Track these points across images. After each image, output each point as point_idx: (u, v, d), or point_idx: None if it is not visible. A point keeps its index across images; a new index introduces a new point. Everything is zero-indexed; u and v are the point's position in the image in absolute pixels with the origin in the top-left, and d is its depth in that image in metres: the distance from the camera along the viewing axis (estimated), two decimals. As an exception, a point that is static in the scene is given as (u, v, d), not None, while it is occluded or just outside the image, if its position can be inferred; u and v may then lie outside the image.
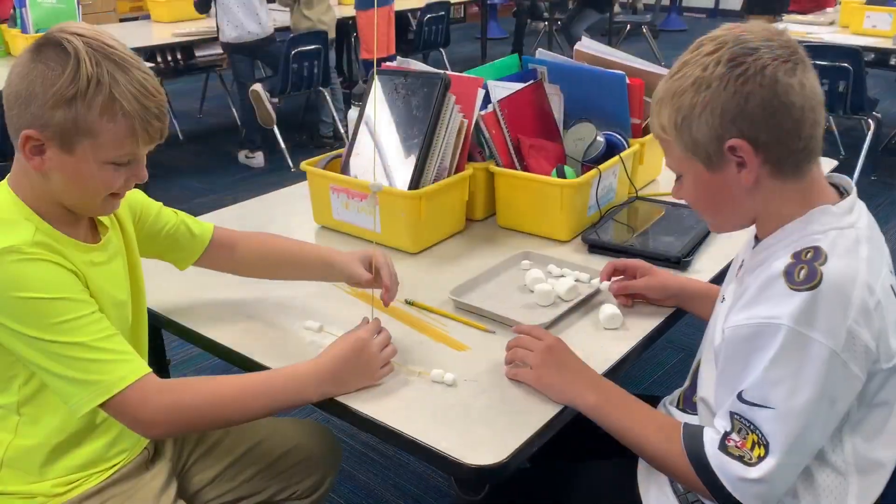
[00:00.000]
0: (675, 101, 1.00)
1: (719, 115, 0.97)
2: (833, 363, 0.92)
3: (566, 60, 1.87)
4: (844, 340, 0.92)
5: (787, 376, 0.93)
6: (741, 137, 0.97)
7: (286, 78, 4.59)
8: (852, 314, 0.92)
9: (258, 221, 1.83)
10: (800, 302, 0.92)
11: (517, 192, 1.69)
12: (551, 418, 1.09)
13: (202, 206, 4.13)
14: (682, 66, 1.01)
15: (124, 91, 1.00)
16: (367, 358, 1.15)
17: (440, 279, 1.51)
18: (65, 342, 1.00)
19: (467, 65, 7.49)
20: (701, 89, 0.97)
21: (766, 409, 0.95)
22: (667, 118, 1.02)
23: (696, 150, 1.00)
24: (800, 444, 0.95)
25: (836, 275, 0.93)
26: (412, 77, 1.67)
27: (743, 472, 0.96)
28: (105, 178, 1.05)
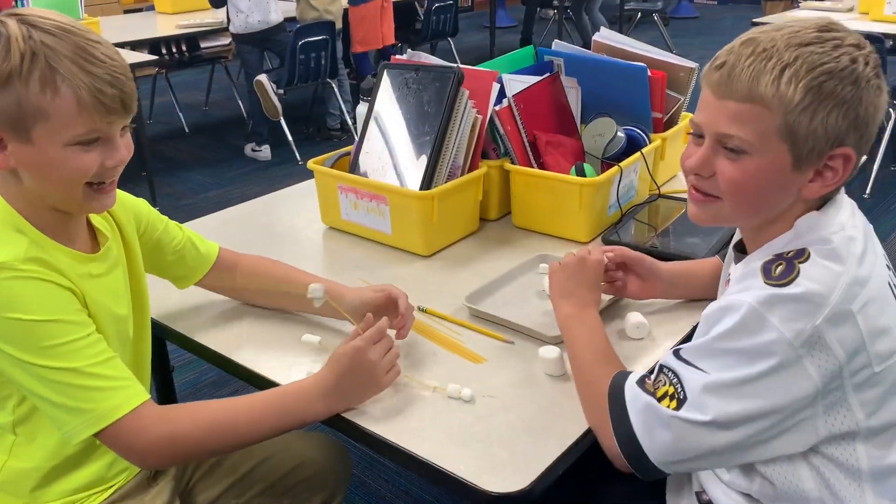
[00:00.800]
0: (815, 78, 0.86)
1: (850, 119, 0.87)
2: (785, 353, 0.86)
3: (584, 52, 1.79)
4: (805, 338, 0.85)
5: (732, 351, 0.88)
6: (854, 149, 0.90)
7: (293, 69, 4.52)
8: (824, 315, 0.86)
9: (264, 222, 1.77)
10: (769, 291, 0.87)
11: (533, 190, 1.61)
12: (577, 438, 1.02)
13: (208, 201, 4.16)
14: (818, 42, 0.87)
15: (62, 60, 0.90)
16: (367, 368, 1.08)
17: (453, 283, 1.44)
18: (57, 367, 0.94)
19: (476, 54, 7.43)
20: (848, 81, 0.86)
21: (697, 371, 0.90)
22: (792, 90, 0.86)
23: (801, 140, 0.88)
24: (718, 422, 0.88)
25: (813, 275, 0.87)
26: (423, 71, 1.59)
27: (652, 402, 0.93)
28: (74, 163, 0.95)
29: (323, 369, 1.08)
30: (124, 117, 0.97)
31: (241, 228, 1.73)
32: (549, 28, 8.19)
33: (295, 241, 1.66)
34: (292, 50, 4.45)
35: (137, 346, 1.17)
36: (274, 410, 1.05)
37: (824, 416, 0.90)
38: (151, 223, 1.23)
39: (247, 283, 1.34)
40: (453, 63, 1.63)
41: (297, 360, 1.22)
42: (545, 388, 1.13)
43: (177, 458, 1.04)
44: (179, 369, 2.52)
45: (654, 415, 0.93)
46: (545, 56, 1.81)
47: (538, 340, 1.24)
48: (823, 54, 0.87)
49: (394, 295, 1.23)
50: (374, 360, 1.08)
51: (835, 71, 0.86)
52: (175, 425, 1.00)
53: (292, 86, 4.61)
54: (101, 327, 1.02)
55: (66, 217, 1.04)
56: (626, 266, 1.30)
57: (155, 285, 1.27)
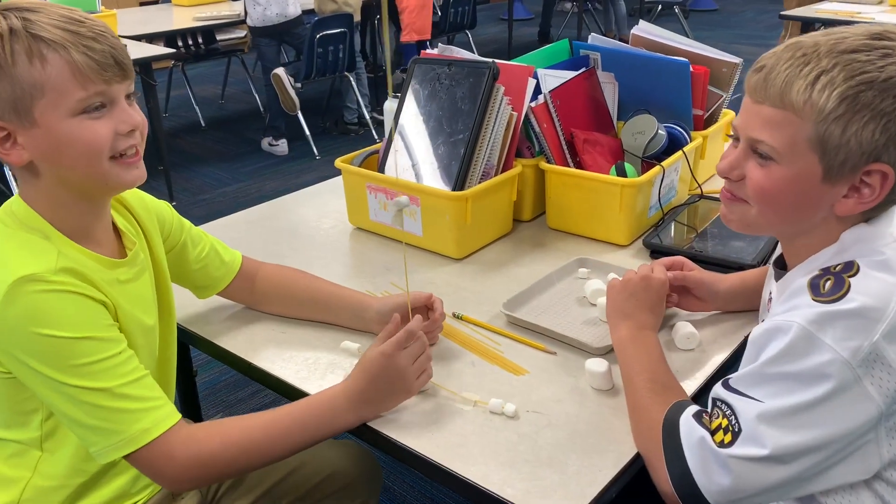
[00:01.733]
0: (852, 87, 0.81)
1: (891, 133, 0.82)
2: (842, 375, 0.80)
3: (622, 46, 1.72)
4: (863, 356, 0.79)
5: (785, 376, 0.82)
6: (893, 166, 0.84)
7: (310, 63, 4.46)
8: (881, 330, 0.80)
9: (289, 222, 1.71)
10: (819, 309, 0.82)
11: (570, 191, 1.54)
12: (631, 459, 0.96)
13: (226, 196, 4.12)
14: (866, 49, 0.82)
15: (43, 27, 0.87)
16: (395, 373, 1.02)
17: (488, 289, 1.38)
18: (88, 387, 0.89)
19: (493, 47, 7.36)
20: (889, 94, 0.81)
21: (750, 400, 0.84)
22: (825, 99, 0.82)
23: (832, 152, 0.83)
24: (776, 455, 0.82)
25: (866, 288, 0.82)
26: (457, 66, 1.53)
27: (707, 438, 0.86)
28: (86, 134, 0.90)
29: (350, 376, 1.03)
30: (121, 76, 0.92)
31: (266, 229, 1.67)
32: (567, 20, 8.09)
33: (321, 242, 1.61)
34: (310, 43, 4.39)
35: (163, 354, 1.13)
36: (304, 423, 1.00)
37: (888, 438, 0.83)
38: (175, 228, 1.18)
39: (266, 292, 1.29)
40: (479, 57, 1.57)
41: (319, 363, 1.16)
42: (593, 403, 1.07)
43: (208, 479, 1.00)
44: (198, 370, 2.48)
45: (709, 452, 0.86)
46: (581, 50, 1.74)
47: (581, 351, 1.18)
48: (867, 62, 0.82)
49: (427, 297, 1.18)
50: (404, 365, 1.03)
51: (876, 81, 0.81)
52: (204, 446, 0.95)
53: (310, 79, 4.56)
54: (130, 340, 0.97)
55: (91, 216, 0.99)
56: (685, 288, 1.24)
57: (182, 289, 1.23)
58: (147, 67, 3.72)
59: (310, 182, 1.95)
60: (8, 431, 1.00)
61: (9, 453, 1.02)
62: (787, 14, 4.45)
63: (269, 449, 0.98)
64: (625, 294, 1.15)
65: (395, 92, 1.68)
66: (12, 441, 1.01)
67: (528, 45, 7.42)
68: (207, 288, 1.26)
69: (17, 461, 1.01)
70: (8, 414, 0.99)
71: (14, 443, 1.01)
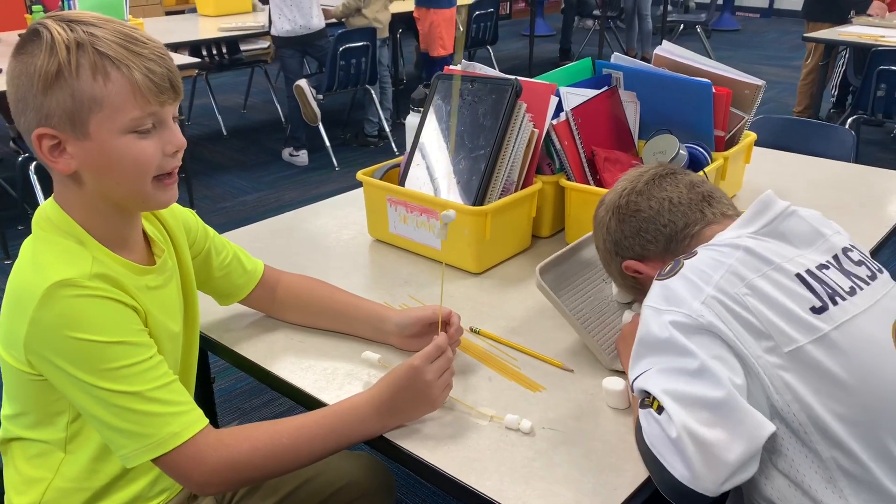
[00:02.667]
0: None
1: (610, 251, 1.19)
2: (689, 323, 0.92)
3: (644, 66, 1.73)
4: (700, 304, 0.93)
5: (644, 343, 0.96)
6: (635, 259, 1.15)
7: (333, 75, 4.50)
8: (712, 284, 0.94)
9: (309, 232, 1.73)
10: (659, 287, 0.99)
11: (590, 208, 1.52)
12: (647, 478, 0.96)
13: (245, 205, 4.15)
14: None
15: (109, 45, 0.89)
16: (421, 386, 1.04)
17: (506, 304, 1.39)
18: (119, 391, 0.91)
19: (514, 62, 7.39)
20: (600, 231, 1.21)
21: (644, 374, 0.95)
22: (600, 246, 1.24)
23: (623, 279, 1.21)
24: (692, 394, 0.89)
25: (696, 261, 0.99)
26: (479, 83, 1.54)
27: (651, 414, 0.91)
28: (134, 152, 0.92)
29: (377, 386, 1.05)
30: (174, 99, 0.95)
31: (287, 238, 1.69)
32: (588, 37, 8.11)
33: (341, 253, 1.62)
34: (333, 55, 4.43)
35: (186, 360, 1.15)
36: (330, 430, 1.01)
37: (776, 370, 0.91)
38: (200, 235, 1.20)
39: (286, 302, 1.31)
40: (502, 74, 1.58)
41: (337, 373, 1.17)
42: (610, 422, 1.07)
43: (236, 483, 1.01)
44: (215, 377, 2.49)
45: (656, 424, 0.90)
46: (603, 69, 1.75)
47: (599, 369, 1.18)
48: None
49: (445, 312, 1.19)
50: (431, 379, 1.04)
51: (596, 226, 1.25)
52: (233, 450, 0.96)
53: (332, 91, 4.59)
54: (158, 346, 0.99)
55: (124, 225, 1.01)
56: None
57: (202, 297, 1.24)
58: (172, 76, 3.76)
59: (329, 193, 1.97)
60: (34, 432, 1.02)
61: (33, 454, 1.03)
62: (811, 36, 4.44)
63: (295, 454, 0.99)
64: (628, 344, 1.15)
65: (417, 107, 1.69)
66: (38, 441, 1.02)
67: (549, 61, 7.45)
68: (229, 295, 1.28)
69: (41, 462, 1.03)
70: (35, 415, 1.01)
71: (39, 443, 1.02)
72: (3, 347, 0.97)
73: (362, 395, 1.04)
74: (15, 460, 1.06)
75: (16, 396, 1.02)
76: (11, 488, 1.06)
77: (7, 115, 4.63)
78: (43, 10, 3.97)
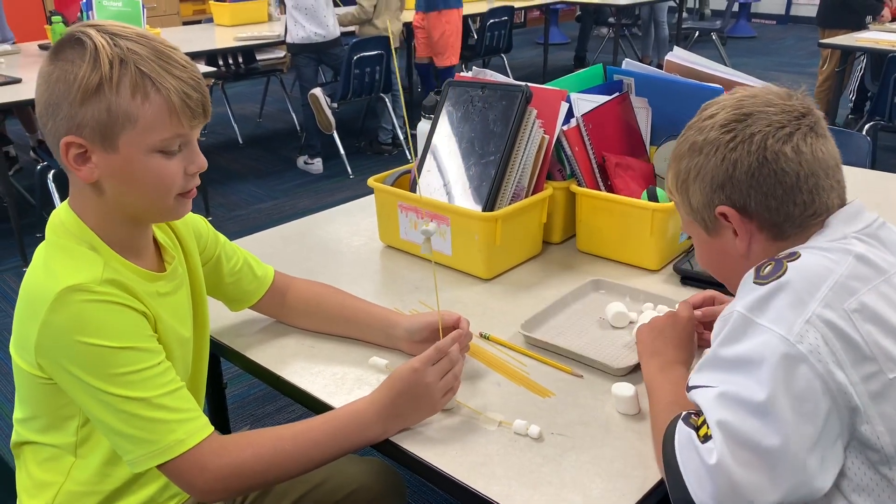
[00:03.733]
0: (675, 165, 1.00)
1: (709, 182, 0.96)
2: (780, 351, 0.82)
3: (655, 72, 1.72)
4: (799, 330, 0.82)
5: (728, 359, 0.86)
6: (729, 204, 0.95)
7: (347, 83, 4.52)
8: (818, 299, 0.84)
9: (321, 238, 1.73)
10: (755, 293, 0.87)
11: (601, 214, 1.55)
12: (655, 485, 0.95)
13: (260, 212, 4.18)
14: (687, 129, 1.00)
15: (151, 65, 0.90)
16: (422, 389, 1.04)
17: (516, 309, 1.39)
18: (126, 396, 0.92)
19: (528, 70, 7.39)
20: (695, 154, 0.97)
21: (706, 389, 0.87)
22: (671, 180, 1.03)
23: (695, 215, 1.00)
24: (745, 433, 0.81)
25: (802, 266, 0.88)
26: (490, 89, 1.55)
27: (693, 435, 0.86)
28: (158, 170, 0.94)
29: (378, 390, 1.05)
30: (203, 122, 0.97)
31: (299, 244, 1.70)
32: (603, 45, 8.11)
33: (352, 259, 1.63)
34: (347, 64, 4.46)
35: (196, 366, 1.15)
36: (332, 435, 1.01)
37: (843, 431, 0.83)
38: (210, 241, 1.21)
39: (297, 307, 1.31)
40: (513, 80, 1.58)
41: (347, 378, 1.17)
42: (619, 428, 1.06)
43: (239, 490, 1.01)
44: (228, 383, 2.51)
45: (694, 450, 0.84)
46: (615, 75, 1.75)
47: (608, 375, 1.17)
48: (683, 140, 0.99)
49: (454, 317, 1.19)
50: (431, 381, 1.04)
51: (683, 151, 0.99)
52: (236, 457, 0.97)
53: (346, 100, 4.62)
54: (168, 352, 1.00)
55: (137, 233, 1.02)
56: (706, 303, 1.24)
57: (213, 302, 1.25)
58: (188, 85, 3.80)
59: (343, 200, 1.98)
60: (45, 436, 1.03)
61: (44, 457, 1.04)
62: (826, 42, 4.41)
63: (298, 460, 0.99)
64: (653, 333, 1.16)
65: (428, 113, 1.70)
66: (48, 445, 1.03)
67: (564, 69, 7.45)
68: (240, 301, 1.29)
69: (52, 465, 1.04)
70: (46, 419, 1.02)
71: (50, 447, 1.03)
72: (15, 351, 0.98)
73: (364, 399, 1.05)
74: (27, 464, 1.07)
75: (27, 400, 1.03)
76: (23, 491, 1.07)
77: (27, 125, 4.70)
78: (63, 20, 4.02)
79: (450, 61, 5.08)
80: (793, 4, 10.14)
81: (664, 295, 1.38)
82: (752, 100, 0.94)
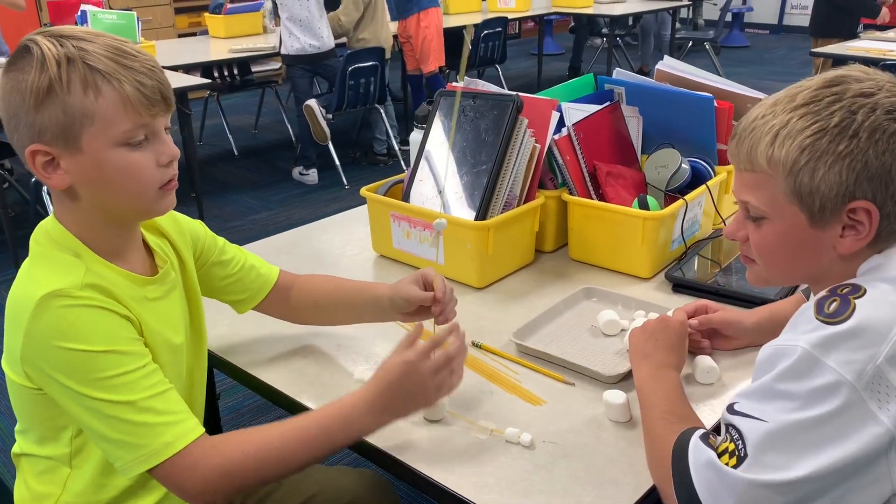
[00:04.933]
0: (805, 139, 0.85)
1: (858, 171, 0.84)
2: (846, 397, 0.78)
3: (646, 81, 1.74)
4: (868, 378, 0.78)
5: (789, 395, 0.80)
6: (872, 201, 0.85)
7: (342, 94, 4.54)
8: (885, 351, 0.79)
9: (314, 248, 1.74)
10: (823, 332, 0.81)
11: (593, 222, 1.55)
12: (646, 492, 0.95)
13: (255, 223, 4.18)
14: (815, 100, 0.86)
15: (99, 58, 0.90)
16: (416, 381, 1.00)
17: (508, 318, 1.39)
18: (111, 401, 0.91)
19: (523, 81, 7.42)
20: (845, 135, 0.84)
21: (756, 421, 0.82)
22: (785, 153, 0.86)
23: (808, 199, 0.87)
24: (782, 481, 0.79)
25: (871, 309, 0.81)
26: (481, 99, 1.56)
27: (714, 459, 0.84)
28: (127, 163, 0.93)
29: (370, 383, 1.02)
30: (165, 110, 0.96)
31: (292, 255, 1.70)
32: (597, 55, 8.15)
33: (345, 269, 1.63)
34: (342, 75, 4.47)
35: (192, 375, 1.14)
36: (323, 430, 0.99)
37: None
38: (208, 245, 1.21)
39: (300, 303, 1.30)
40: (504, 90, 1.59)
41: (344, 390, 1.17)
42: (610, 435, 1.06)
43: (230, 491, 0.99)
44: (222, 394, 2.50)
45: (715, 473, 0.84)
46: (605, 84, 1.76)
47: (600, 382, 1.18)
48: (817, 112, 0.86)
49: (428, 278, 1.18)
50: (425, 374, 1.00)
51: (827, 128, 0.85)
52: (226, 458, 0.96)
53: (341, 111, 4.63)
54: (156, 357, 0.99)
55: (122, 237, 1.02)
56: (714, 330, 1.24)
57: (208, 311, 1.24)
58: (183, 97, 3.81)
59: (338, 211, 1.98)
60: (39, 448, 1.02)
61: (40, 469, 1.04)
62: (818, 51, 4.44)
63: (290, 458, 0.98)
64: (644, 336, 1.15)
65: (420, 123, 1.71)
66: (43, 457, 1.03)
67: (559, 79, 7.43)
68: (245, 301, 1.26)
69: (48, 478, 1.04)
70: (39, 430, 1.01)
71: (45, 459, 1.03)
72: (6, 364, 0.98)
73: (355, 393, 1.01)
74: (25, 475, 1.06)
75: (21, 413, 1.03)
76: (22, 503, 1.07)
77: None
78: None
79: (435, 65, 5.09)
80: (785, 14, 10.21)
81: (656, 302, 1.38)
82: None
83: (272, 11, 5.40)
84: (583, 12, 6.73)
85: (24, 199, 4.24)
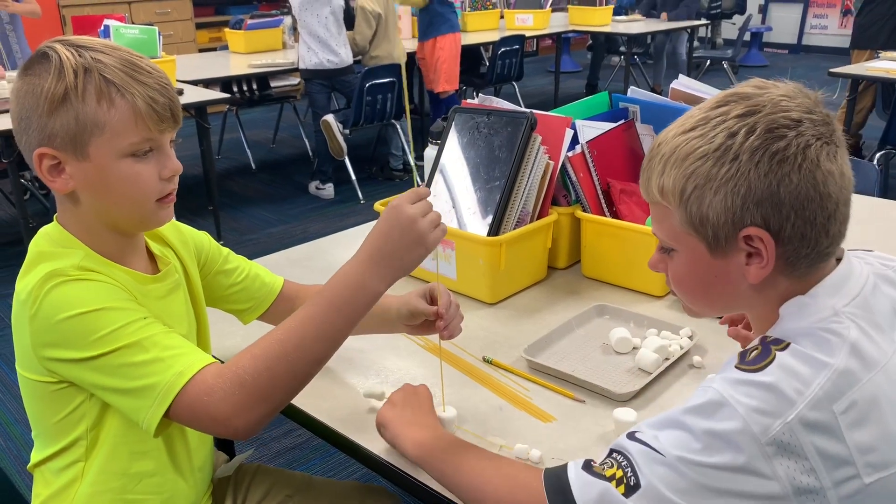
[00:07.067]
0: (689, 166, 0.81)
1: (743, 196, 0.79)
2: (748, 448, 0.73)
3: (660, 99, 1.74)
4: (773, 436, 0.73)
5: (694, 430, 0.76)
6: (763, 227, 0.79)
7: (359, 110, 4.58)
8: (796, 413, 0.73)
9: (328, 262, 1.75)
10: (737, 376, 0.77)
11: (606, 240, 1.55)
12: (654, 512, 0.95)
13: (271, 237, 4.21)
14: (702, 123, 0.81)
15: (115, 72, 0.93)
16: (407, 223, 0.94)
17: (520, 334, 1.39)
18: (115, 349, 0.90)
19: (540, 98, 7.44)
20: (726, 159, 0.79)
21: (653, 452, 0.78)
22: (673, 182, 0.82)
23: (702, 228, 0.82)
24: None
25: (789, 366, 0.76)
26: (495, 116, 1.57)
27: (610, 489, 0.78)
28: (131, 174, 0.95)
29: (364, 242, 0.97)
30: (173, 127, 0.99)
31: (305, 268, 1.71)
32: (614, 74, 8.16)
33: (358, 283, 1.63)
34: (359, 91, 4.51)
35: None
36: (329, 304, 0.93)
37: None
38: (213, 254, 1.22)
39: None
40: (518, 107, 1.60)
41: (358, 403, 1.17)
42: (619, 453, 1.06)
43: (256, 405, 0.90)
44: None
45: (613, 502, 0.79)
46: (620, 102, 1.77)
47: (611, 400, 1.17)
48: (701, 136, 0.81)
49: (434, 292, 1.19)
50: (413, 214, 0.95)
51: (708, 153, 0.80)
52: (237, 367, 0.90)
53: (358, 126, 4.67)
54: None
55: (124, 242, 1.03)
56: None
57: (216, 324, 1.26)
58: (202, 111, 3.86)
59: (353, 225, 1.99)
60: (55, 444, 1.03)
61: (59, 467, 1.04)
62: (836, 72, 4.42)
63: (309, 345, 0.92)
64: (399, 407, 1.08)
65: (435, 139, 1.72)
66: (60, 457, 1.03)
67: (575, 97, 7.42)
68: (250, 310, 1.27)
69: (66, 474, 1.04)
70: (55, 429, 1.01)
71: (62, 458, 1.03)
72: (20, 364, 0.99)
73: (352, 259, 0.96)
74: (39, 489, 1.07)
75: (36, 416, 1.03)
76: None
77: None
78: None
79: (443, 87, 5.12)
80: (805, 34, 10.19)
81: (668, 321, 1.37)
82: (791, 101, 0.81)
83: (291, 27, 5.47)
84: (600, 30, 6.75)
85: (45, 209, 4.29)
